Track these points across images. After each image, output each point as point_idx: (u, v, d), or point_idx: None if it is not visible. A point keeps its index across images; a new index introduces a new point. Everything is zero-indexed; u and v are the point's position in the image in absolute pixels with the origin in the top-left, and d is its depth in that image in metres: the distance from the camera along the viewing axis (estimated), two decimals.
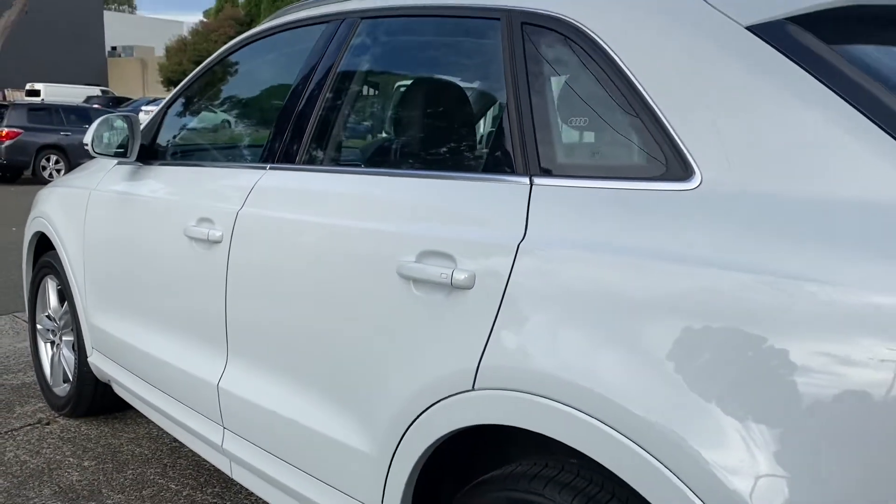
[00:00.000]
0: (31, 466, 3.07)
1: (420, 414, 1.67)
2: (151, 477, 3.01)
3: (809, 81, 1.33)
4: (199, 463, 3.13)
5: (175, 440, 3.30)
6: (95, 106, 22.31)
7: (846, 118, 1.27)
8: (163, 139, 2.95)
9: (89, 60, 43.59)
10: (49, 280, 3.65)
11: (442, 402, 1.63)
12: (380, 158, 2.23)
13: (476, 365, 1.55)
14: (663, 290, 1.31)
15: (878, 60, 1.38)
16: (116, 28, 49.23)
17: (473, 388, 1.56)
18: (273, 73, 2.67)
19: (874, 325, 1.10)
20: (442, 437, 1.64)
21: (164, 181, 2.75)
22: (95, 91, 33.40)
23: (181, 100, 2.97)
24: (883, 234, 1.16)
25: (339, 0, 2.34)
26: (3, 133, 15.81)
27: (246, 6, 46.61)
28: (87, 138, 2.82)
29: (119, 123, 2.90)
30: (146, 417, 3.01)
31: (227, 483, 2.95)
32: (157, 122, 2.97)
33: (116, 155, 2.91)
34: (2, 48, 19.07)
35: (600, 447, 1.35)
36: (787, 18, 1.43)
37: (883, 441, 1.08)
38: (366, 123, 2.23)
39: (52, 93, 29.94)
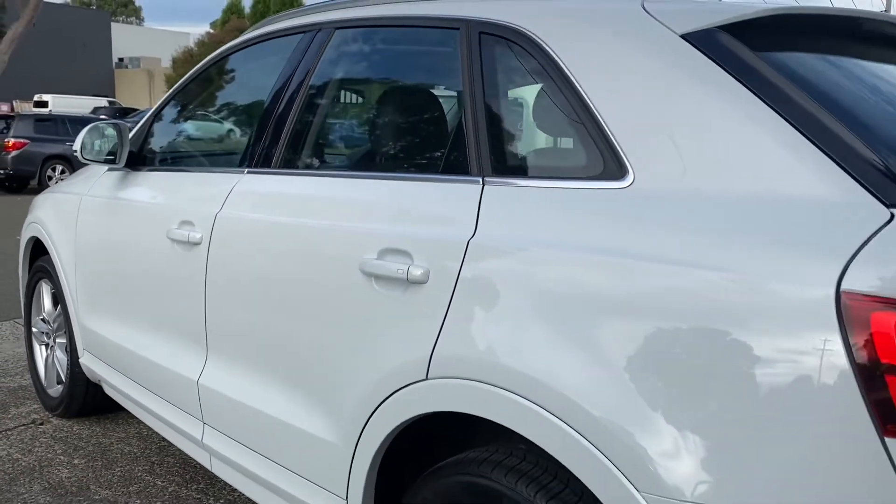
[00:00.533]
0: (23, 464, 3.16)
1: (380, 403, 1.76)
2: (139, 474, 3.10)
3: (734, 86, 1.41)
4: (185, 461, 3.21)
5: (164, 439, 3.38)
6: (102, 116, 22.52)
7: (765, 120, 1.36)
8: (150, 146, 3.05)
9: (97, 71, 43.98)
10: (44, 284, 3.75)
11: (400, 392, 1.71)
12: (347, 162, 2.32)
13: (429, 355, 1.64)
14: (596, 281, 1.40)
15: (799, 65, 1.47)
16: (124, 39, 49.62)
17: (427, 378, 1.64)
18: (253, 82, 2.76)
19: (784, 314, 1.18)
20: (400, 425, 1.72)
21: (151, 186, 2.85)
22: (102, 102, 33.65)
23: (168, 108, 3.07)
24: (794, 228, 1.24)
25: (317, 11, 2.44)
26: (10, 143, 16.01)
27: (252, 18, 46.91)
28: (77, 145, 2.92)
29: (109, 131, 3.00)
30: (137, 417, 3.10)
31: (212, 480, 3.04)
32: (146, 130, 3.07)
33: (106, 161, 3.02)
34: (9, 60, 19.29)
35: (537, 429, 1.43)
36: (718, 27, 1.51)
37: (799, 427, 1.16)
38: (335, 129, 2.32)
39: (60, 104, 30.17)
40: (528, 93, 1.75)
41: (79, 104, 30.44)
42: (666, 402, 1.27)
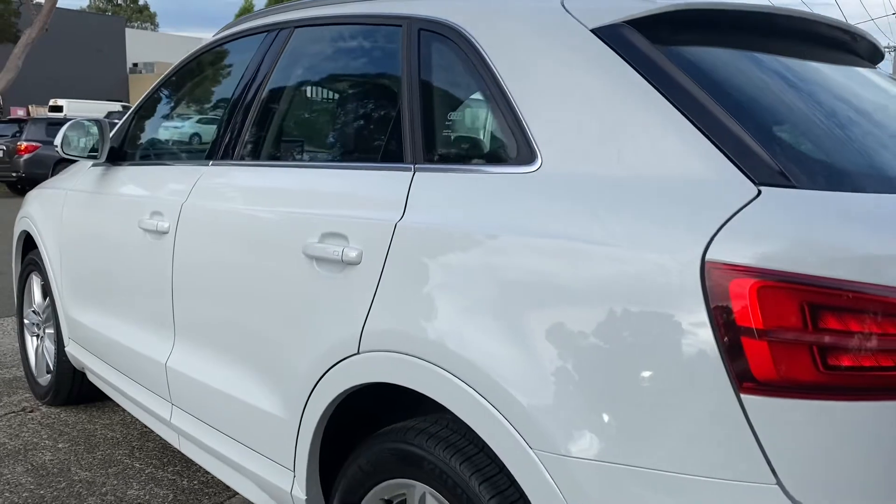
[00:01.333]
0: (9, 448, 3.29)
1: (321, 378, 1.87)
2: (119, 457, 3.22)
3: (632, 76, 1.52)
4: (165, 445, 3.33)
5: (146, 425, 3.50)
6: (115, 121, 22.77)
7: (657, 108, 1.46)
8: (130, 142, 3.18)
9: (111, 76, 44.45)
10: (34, 276, 3.89)
11: (337, 366, 1.82)
12: (297, 153, 2.43)
13: (360, 331, 1.75)
14: (501, 258, 1.50)
15: (693, 56, 1.57)
16: (138, 45, 50.09)
17: (359, 352, 1.75)
18: (222, 79, 2.88)
19: (658, 282, 1.28)
20: (336, 397, 1.83)
21: (128, 180, 2.97)
22: (116, 107, 34.01)
23: (147, 105, 3.20)
24: (672, 204, 1.34)
25: (282, 11, 2.55)
26: (23, 147, 16.26)
27: None
28: (57, 140, 3.05)
29: (92, 129, 3.13)
30: (121, 405, 3.22)
31: (187, 462, 3.15)
32: (126, 126, 3.20)
33: (90, 157, 3.15)
34: (24, 65, 19.59)
35: (448, 394, 1.54)
36: (625, 22, 1.62)
37: (670, 385, 1.26)
38: (288, 122, 2.44)
39: (74, 108, 30.49)
40: (459, 85, 1.86)
41: (93, 109, 30.77)
42: (555, 367, 1.38)
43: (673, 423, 1.26)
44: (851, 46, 2.04)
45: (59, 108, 31.64)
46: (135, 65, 50.26)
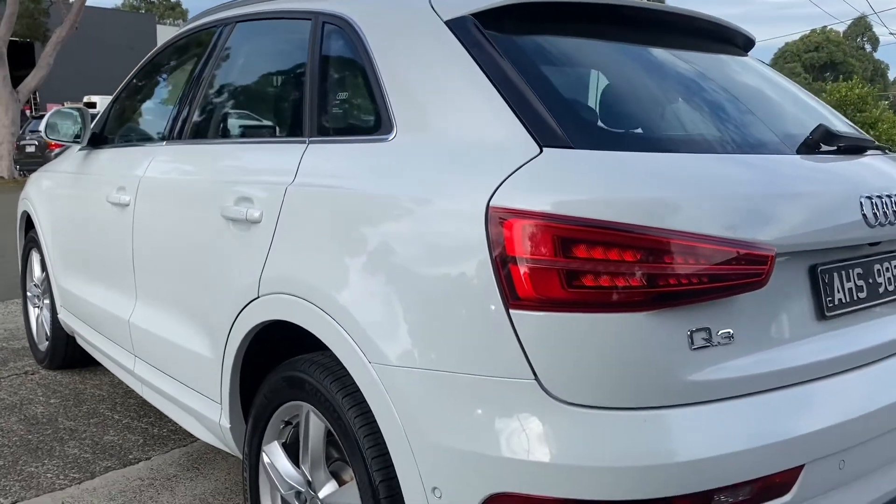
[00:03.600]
0: (7, 403, 3.69)
1: (234, 320, 2.20)
2: (101, 411, 3.60)
3: (467, 61, 1.82)
4: (144, 402, 3.70)
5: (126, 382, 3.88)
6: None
7: (481, 87, 1.76)
8: (109, 127, 3.55)
9: None
10: (34, 253, 4.29)
11: (245, 309, 2.15)
12: (224, 131, 2.76)
13: (259, 278, 2.08)
14: (357, 211, 1.82)
15: (521, 43, 1.86)
16: None
17: (259, 296, 2.08)
18: (179, 69, 3.23)
19: (459, 225, 1.59)
20: (247, 334, 2.16)
21: (103, 160, 3.34)
22: None
23: (123, 94, 3.56)
24: (478, 163, 1.65)
25: (228, 8, 2.89)
26: (52, 143, 16.88)
27: None
28: (41, 126, 3.43)
29: (76, 116, 3.51)
30: (103, 364, 3.60)
31: (161, 416, 3.52)
32: (106, 114, 3.57)
33: (74, 142, 3.53)
34: (55, 63, 20.27)
35: (312, 321, 1.86)
36: (471, 14, 1.91)
37: (463, 305, 1.56)
38: (219, 105, 2.77)
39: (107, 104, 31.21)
40: (349, 70, 2.18)
41: None
42: (385, 297, 1.70)
43: (461, 335, 1.57)
44: (710, 35, 2.32)
45: (92, 105, 32.32)
46: None
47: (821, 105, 2.43)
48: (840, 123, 2.33)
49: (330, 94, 2.19)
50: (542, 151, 1.59)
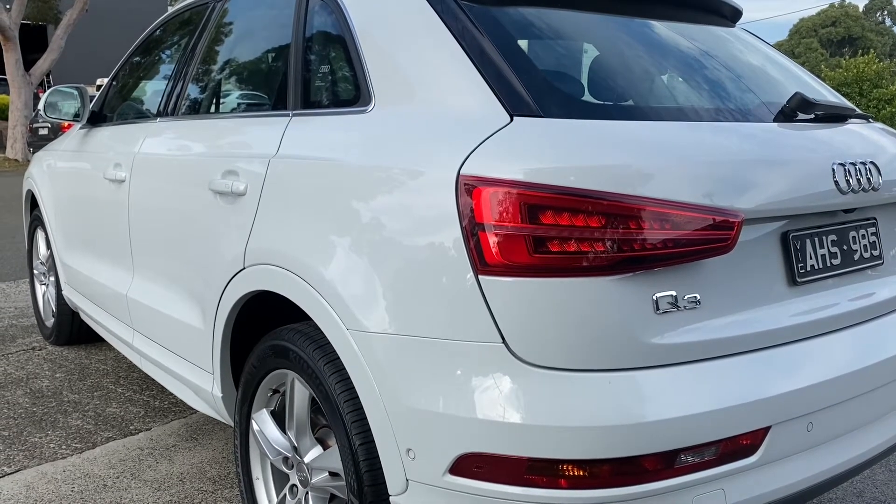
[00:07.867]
0: (14, 377, 3.78)
1: (223, 291, 2.25)
2: (105, 384, 3.68)
3: (445, 35, 1.83)
4: (147, 376, 3.78)
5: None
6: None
7: (458, 59, 1.78)
8: (108, 105, 3.59)
9: None
10: (39, 231, 4.36)
11: (232, 280, 2.20)
12: (213, 107, 2.80)
13: (244, 250, 2.12)
14: (334, 180, 1.86)
15: (500, 16, 1.88)
16: None
17: (244, 267, 2.13)
18: (173, 47, 3.27)
19: (431, 192, 1.62)
20: (234, 305, 2.21)
21: (101, 138, 3.39)
22: None
23: (120, 72, 3.60)
24: (452, 132, 1.68)
25: None
26: (66, 124, 17.00)
27: None
28: (40, 105, 3.48)
29: (75, 95, 3.56)
30: (105, 339, 3.66)
31: (162, 389, 3.59)
32: (105, 93, 3.61)
33: (74, 120, 3.58)
34: (67, 45, 20.34)
35: (295, 291, 1.90)
36: None
37: (434, 272, 1.60)
38: (208, 81, 2.81)
39: None
40: (331, 43, 2.20)
41: None
42: (362, 264, 1.73)
43: (434, 301, 1.60)
44: (696, 5, 2.33)
45: None
46: None
47: (808, 75, 2.43)
48: (826, 93, 2.33)
49: (313, 68, 2.21)
50: (512, 120, 1.61)
